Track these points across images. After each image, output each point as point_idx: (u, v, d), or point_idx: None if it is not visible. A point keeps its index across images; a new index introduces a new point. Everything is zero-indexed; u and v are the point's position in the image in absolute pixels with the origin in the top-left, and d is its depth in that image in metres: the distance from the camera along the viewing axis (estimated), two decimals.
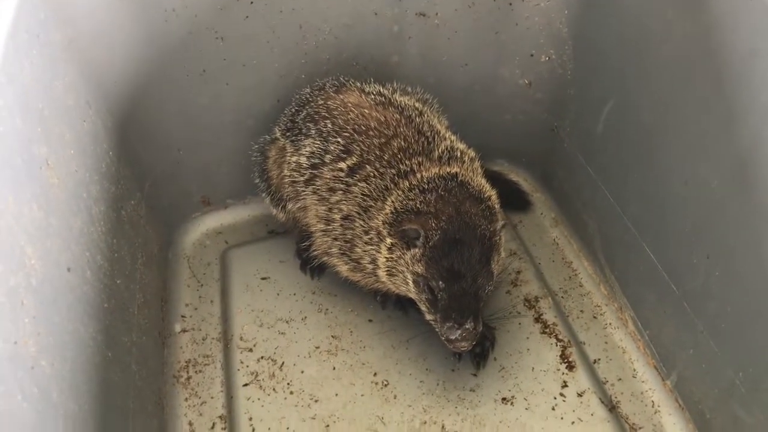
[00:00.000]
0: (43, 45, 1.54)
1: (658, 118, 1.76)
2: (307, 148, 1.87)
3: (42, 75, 1.50)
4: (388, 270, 1.73)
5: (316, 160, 1.85)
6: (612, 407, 1.81)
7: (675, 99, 1.69)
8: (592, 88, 2.04)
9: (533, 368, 1.89)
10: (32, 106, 1.41)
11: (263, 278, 2.15)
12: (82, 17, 1.73)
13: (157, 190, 2.12)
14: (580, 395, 1.83)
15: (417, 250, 1.64)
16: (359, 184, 1.76)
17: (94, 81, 1.80)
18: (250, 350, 1.95)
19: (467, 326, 1.59)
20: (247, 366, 1.91)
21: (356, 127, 1.82)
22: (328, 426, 1.77)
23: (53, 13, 1.63)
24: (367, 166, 1.77)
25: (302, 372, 1.89)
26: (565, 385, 1.86)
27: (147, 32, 1.86)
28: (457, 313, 1.60)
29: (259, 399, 1.83)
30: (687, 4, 1.59)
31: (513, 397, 1.83)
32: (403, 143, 1.78)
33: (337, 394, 1.84)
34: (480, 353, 1.88)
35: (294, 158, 1.91)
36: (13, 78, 1.35)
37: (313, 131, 1.88)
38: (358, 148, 1.79)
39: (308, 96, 1.99)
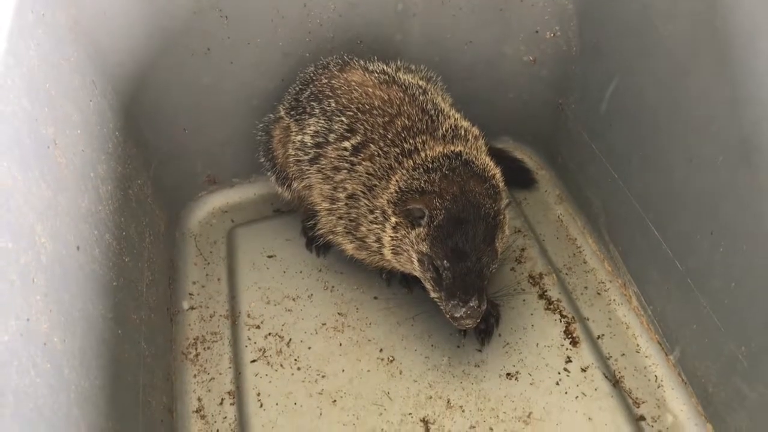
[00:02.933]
0: (49, 25, 1.55)
1: (662, 95, 1.75)
2: (312, 128, 1.88)
3: (48, 55, 1.50)
4: (393, 249, 1.74)
5: (321, 139, 1.85)
6: (615, 382, 1.82)
7: (680, 76, 1.68)
8: (597, 65, 2.03)
9: (537, 344, 1.91)
10: (39, 87, 1.42)
11: (269, 256, 2.17)
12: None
13: (163, 169, 2.13)
14: (584, 370, 1.85)
15: (422, 229, 1.65)
16: (363, 163, 1.77)
17: (100, 61, 1.80)
18: (258, 327, 1.97)
19: (472, 304, 1.61)
20: (255, 342, 1.93)
21: (360, 106, 1.82)
22: (334, 401, 1.80)
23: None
24: (371, 145, 1.77)
25: (309, 348, 1.91)
26: (569, 360, 1.87)
27: (152, 12, 1.86)
28: (461, 292, 1.61)
29: (266, 375, 1.86)
30: None
31: (517, 372, 1.85)
32: (407, 122, 1.78)
33: (343, 370, 1.86)
34: (485, 329, 1.90)
35: (298, 137, 1.91)
36: (19, 59, 1.35)
37: (317, 110, 1.88)
38: (362, 127, 1.79)
39: (312, 75, 1.99)
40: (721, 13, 1.51)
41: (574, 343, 1.91)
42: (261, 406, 1.80)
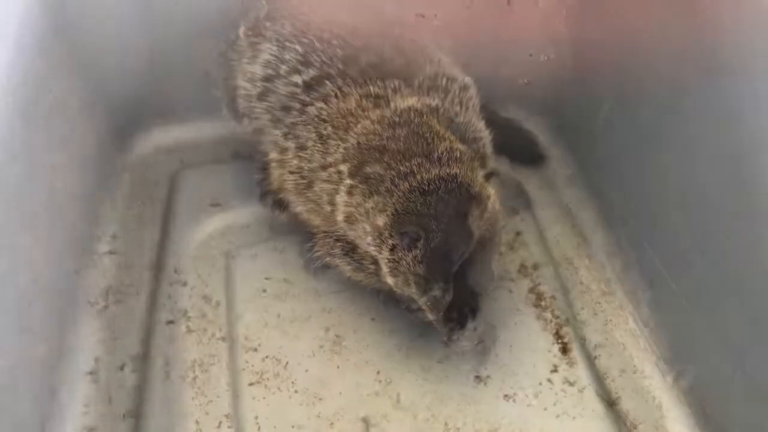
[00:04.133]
0: (46, 51, 1.57)
1: (655, 117, 1.77)
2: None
3: (44, 80, 1.52)
4: (390, 271, 1.74)
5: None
6: (611, 403, 1.82)
7: (673, 98, 1.70)
8: (590, 88, 2.05)
9: (529, 361, 1.90)
10: (35, 112, 1.43)
11: (267, 278, 2.17)
12: (84, 23, 1.75)
13: (168, 193, 2.15)
14: (581, 391, 1.84)
15: (418, 251, 1.65)
16: (360, 185, 1.77)
17: (97, 84, 1.82)
18: (255, 350, 1.97)
19: (468, 326, 1.62)
20: (252, 365, 1.93)
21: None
22: (332, 424, 1.79)
23: (55, 21, 1.65)
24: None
25: (306, 371, 1.91)
26: (554, 369, 1.87)
27: (148, 35, 1.88)
28: (457, 314, 1.63)
29: (264, 398, 1.85)
30: (685, 4, 1.60)
31: (515, 393, 1.84)
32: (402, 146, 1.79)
33: (340, 393, 1.86)
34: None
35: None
36: (15, 85, 1.37)
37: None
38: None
39: None
40: (715, 35, 1.53)
41: (565, 350, 1.91)
42: (259, 429, 1.79)
